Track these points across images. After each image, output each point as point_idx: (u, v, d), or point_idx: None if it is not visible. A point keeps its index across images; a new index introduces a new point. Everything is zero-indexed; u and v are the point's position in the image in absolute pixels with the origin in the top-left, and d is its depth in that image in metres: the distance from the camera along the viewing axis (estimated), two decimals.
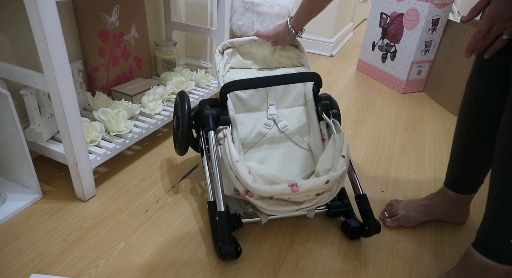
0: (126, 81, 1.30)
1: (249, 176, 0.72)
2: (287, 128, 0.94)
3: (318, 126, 0.93)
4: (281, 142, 0.94)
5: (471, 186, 0.87)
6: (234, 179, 0.74)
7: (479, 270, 0.69)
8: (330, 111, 0.90)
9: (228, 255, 0.73)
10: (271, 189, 0.69)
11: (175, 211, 0.93)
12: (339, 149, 0.81)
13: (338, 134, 0.84)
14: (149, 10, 1.39)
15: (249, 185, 0.70)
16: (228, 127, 0.83)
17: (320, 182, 0.71)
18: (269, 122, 0.94)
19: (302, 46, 1.03)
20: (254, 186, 0.70)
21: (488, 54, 0.69)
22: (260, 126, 0.94)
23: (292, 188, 0.69)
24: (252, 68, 1.06)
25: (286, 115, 0.96)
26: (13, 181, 0.96)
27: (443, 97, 1.72)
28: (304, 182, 0.70)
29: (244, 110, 0.95)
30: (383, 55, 1.94)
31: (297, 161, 0.93)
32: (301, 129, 0.95)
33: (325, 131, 0.92)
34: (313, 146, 0.93)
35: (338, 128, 0.85)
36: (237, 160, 0.74)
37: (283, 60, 1.05)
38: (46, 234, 0.83)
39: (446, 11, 1.65)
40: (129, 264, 0.77)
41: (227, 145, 0.76)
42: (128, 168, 1.09)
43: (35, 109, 0.91)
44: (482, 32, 0.66)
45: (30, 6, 0.67)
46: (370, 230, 0.81)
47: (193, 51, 1.69)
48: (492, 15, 0.64)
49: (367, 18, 2.11)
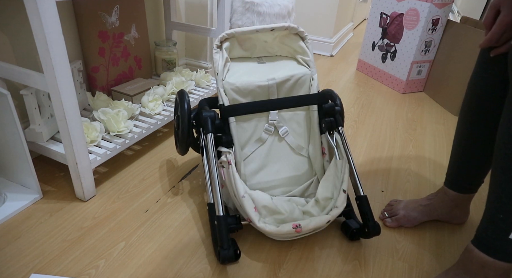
0: (126, 81, 1.30)
1: (255, 214, 0.77)
2: (287, 134, 0.93)
3: (319, 137, 0.92)
4: (281, 148, 0.93)
5: (471, 186, 0.87)
6: (239, 207, 0.81)
7: (478, 267, 0.69)
8: (334, 130, 0.90)
9: (226, 259, 0.74)
10: (277, 231, 0.75)
11: (175, 211, 0.93)
12: (340, 177, 0.84)
13: (340, 161, 0.86)
14: (149, 10, 1.39)
15: (256, 224, 0.75)
16: (231, 151, 0.83)
17: (322, 221, 0.77)
18: (269, 128, 0.92)
19: (308, 41, 0.96)
20: (261, 226, 0.75)
21: (493, 53, 0.70)
22: (261, 132, 0.92)
23: (296, 229, 0.75)
24: (252, 57, 1.01)
25: (287, 119, 0.93)
26: (13, 181, 0.96)
27: (443, 97, 1.72)
28: (307, 222, 0.76)
29: (245, 117, 0.92)
30: (383, 55, 1.94)
31: (296, 168, 0.93)
32: (301, 135, 0.94)
33: (326, 145, 0.92)
34: (312, 155, 0.93)
35: (341, 153, 0.86)
36: (242, 195, 0.77)
37: (285, 47, 0.99)
38: (46, 234, 0.83)
39: (446, 11, 1.65)
40: (129, 264, 0.77)
41: (232, 175, 0.79)
42: (128, 168, 1.09)
43: (35, 109, 0.91)
44: (493, 40, 0.68)
45: (30, 6, 0.67)
46: (370, 232, 0.81)
47: (193, 51, 1.69)
48: (504, 24, 0.65)
49: (367, 18, 2.11)
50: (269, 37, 0.97)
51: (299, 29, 0.93)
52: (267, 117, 0.92)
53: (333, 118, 0.90)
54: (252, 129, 0.91)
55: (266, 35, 0.96)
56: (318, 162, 0.92)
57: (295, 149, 0.93)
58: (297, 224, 0.75)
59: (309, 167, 0.93)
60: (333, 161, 0.88)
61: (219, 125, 0.85)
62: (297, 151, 0.93)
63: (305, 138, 0.94)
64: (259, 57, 1.02)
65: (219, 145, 0.86)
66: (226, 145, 0.85)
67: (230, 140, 0.86)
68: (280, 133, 0.92)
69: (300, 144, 0.93)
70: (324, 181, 0.86)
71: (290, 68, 0.94)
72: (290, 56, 1.01)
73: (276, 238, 0.83)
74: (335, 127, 0.90)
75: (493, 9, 0.67)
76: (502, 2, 0.65)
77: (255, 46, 0.99)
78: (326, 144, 0.92)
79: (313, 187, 0.92)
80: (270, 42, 0.98)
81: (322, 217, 0.77)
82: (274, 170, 0.91)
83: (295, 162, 0.93)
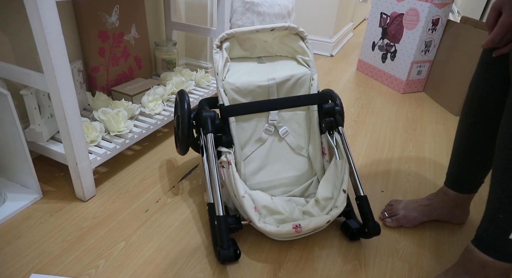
0: (126, 81, 1.30)
1: (255, 214, 0.77)
2: (287, 134, 0.93)
3: (319, 138, 0.92)
4: (281, 148, 0.93)
5: (471, 186, 0.87)
6: (239, 207, 0.81)
7: (478, 267, 0.68)
8: (334, 130, 0.90)
9: (226, 260, 0.74)
10: (276, 231, 0.75)
11: (175, 211, 0.93)
12: (340, 177, 0.84)
13: (340, 161, 0.86)
14: (149, 10, 1.39)
15: (256, 224, 0.76)
16: (231, 151, 0.83)
17: (322, 221, 0.77)
18: (269, 128, 0.92)
19: (308, 41, 0.96)
20: (261, 226, 0.75)
21: (495, 54, 0.71)
22: (261, 132, 0.91)
23: (296, 229, 0.75)
24: (252, 57, 1.01)
25: (287, 119, 0.93)
26: (13, 181, 0.96)
27: (443, 97, 1.72)
28: (307, 222, 0.76)
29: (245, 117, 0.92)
30: (383, 55, 1.94)
31: (296, 168, 0.93)
32: (301, 135, 0.94)
33: (326, 146, 0.92)
34: (312, 155, 0.93)
35: (341, 153, 0.86)
36: (242, 195, 0.77)
37: (285, 47, 0.99)
38: (46, 234, 0.83)
39: (446, 11, 1.65)
40: (129, 264, 0.77)
41: (232, 175, 0.79)
42: (128, 168, 1.09)
43: (35, 109, 0.91)
44: (495, 41, 0.68)
45: (30, 6, 0.67)
46: (370, 232, 0.81)
47: (193, 51, 1.69)
48: (506, 25, 0.65)
49: (367, 18, 2.11)
50: (269, 37, 0.97)
51: (299, 29, 0.93)
52: (267, 118, 0.92)
53: (333, 118, 0.90)
54: (252, 129, 0.91)
55: (266, 35, 0.96)
56: (318, 162, 0.92)
57: (295, 149, 0.93)
58: (297, 224, 0.75)
59: (309, 167, 0.93)
60: (333, 161, 0.88)
61: (219, 125, 0.85)
62: (297, 151, 0.93)
63: (305, 138, 0.94)
64: (259, 57, 1.02)
65: (219, 145, 0.86)
66: (226, 145, 0.85)
67: (230, 139, 0.86)
68: (280, 133, 0.92)
69: (300, 144, 0.93)
70: (324, 181, 0.86)
71: (290, 68, 0.94)
72: (290, 56, 1.01)
73: (276, 238, 0.83)
74: (335, 127, 0.90)
75: (494, 11, 0.67)
76: (503, 4, 0.65)
77: (255, 46, 0.99)
78: (326, 144, 0.92)
79: (313, 187, 0.92)
80: (270, 42, 0.98)
81: (322, 217, 0.77)
82: (274, 170, 0.91)
83: (295, 162, 0.93)
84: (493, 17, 0.68)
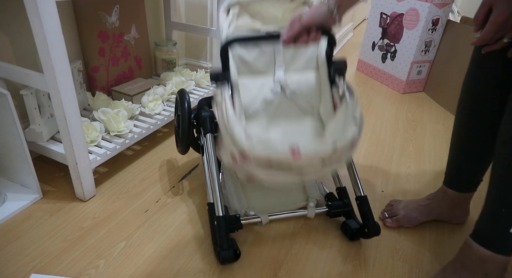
0: (126, 81, 1.29)
1: (243, 135, 0.64)
2: (296, 96, 0.85)
3: (330, 92, 0.84)
4: (288, 110, 0.85)
5: (470, 184, 0.87)
6: (229, 142, 0.67)
7: (477, 262, 0.68)
8: (344, 74, 0.82)
9: (226, 259, 0.73)
10: (269, 150, 0.61)
11: (175, 211, 0.93)
12: (351, 114, 0.72)
13: (352, 100, 0.75)
14: (149, 10, 1.39)
15: (243, 144, 0.62)
16: (227, 85, 0.74)
17: (326, 149, 0.62)
18: (276, 88, 0.84)
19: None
20: (249, 144, 0.62)
21: (485, 50, 0.70)
22: (266, 93, 0.84)
23: (294, 155, 0.60)
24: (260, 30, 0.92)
25: (295, 80, 0.85)
26: (13, 181, 0.96)
27: (443, 97, 1.72)
28: (308, 146, 0.62)
29: (249, 73, 0.85)
30: (383, 55, 1.94)
31: (305, 131, 0.84)
32: (311, 96, 0.86)
33: (337, 98, 0.83)
34: (324, 114, 0.85)
35: (352, 93, 0.76)
36: (232, 119, 0.66)
37: None
38: (46, 234, 0.83)
39: (446, 11, 1.65)
40: (129, 264, 0.77)
41: (224, 106, 0.68)
42: (128, 168, 1.09)
43: (35, 109, 0.91)
44: (486, 39, 0.67)
45: (30, 6, 0.67)
46: (369, 232, 0.81)
47: (193, 51, 1.69)
48: (497, 23, 0.64)
49: (367, 18, 2.11)
50: (279, 11, 0.91)
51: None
52: (273, 77, 0.86)
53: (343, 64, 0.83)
54: (257, 90, 0.84)
55: (276, 9, 0.89)
56: (331, 118, 0.84)
57: (304, 110, 0.86)
58: (296, 147, 0.61)
59: (320, 130, 0.86)
60: (344, 102, 0.79)
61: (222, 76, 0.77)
62: (307, 111, 0.86)
63: (315, 99, 0.87)
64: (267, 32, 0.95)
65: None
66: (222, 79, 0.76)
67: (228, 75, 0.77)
68: (288, 94, 0.85)
69: (309, 104, 0.87)
70: (333, 121, 0.80)
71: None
72: None
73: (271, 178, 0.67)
74: (344, 73, 0.83)
75: (485, 7, 0.66)
76: (495, 0, 0.64)
77: (264, 19, 0.92)
78: (338, 95, 0.84)
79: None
80: (280, 17, 0.92)
81: (326, 146, 0.64)
82: (280, 132, 0.83)
83: (304, 125, 0.86)
84: (483, 13, 0.67)
